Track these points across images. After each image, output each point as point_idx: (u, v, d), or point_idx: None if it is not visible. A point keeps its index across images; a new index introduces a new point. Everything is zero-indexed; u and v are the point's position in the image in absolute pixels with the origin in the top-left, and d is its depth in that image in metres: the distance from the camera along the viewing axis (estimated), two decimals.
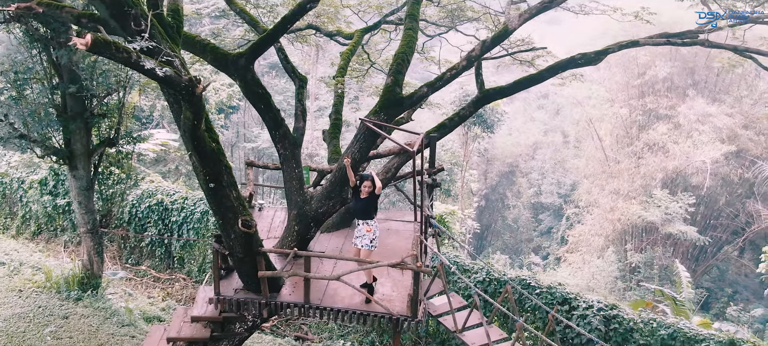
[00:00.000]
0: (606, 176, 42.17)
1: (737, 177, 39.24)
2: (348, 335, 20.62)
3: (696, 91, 40.53)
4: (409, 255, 10.95)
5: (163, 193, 23.83)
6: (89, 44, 7.84)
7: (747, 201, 40.14)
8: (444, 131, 14.49)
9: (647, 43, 14.75)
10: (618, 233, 40.08)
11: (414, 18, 14.11)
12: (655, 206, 37.12)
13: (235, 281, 12.00)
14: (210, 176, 10.37)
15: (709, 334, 16.27)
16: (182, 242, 23.54)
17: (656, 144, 39.44)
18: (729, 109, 39.13)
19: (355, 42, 18.10)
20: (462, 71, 13.59)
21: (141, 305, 19.84)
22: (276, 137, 12.57)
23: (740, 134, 38.31)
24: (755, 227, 38.46)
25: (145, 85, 19.35)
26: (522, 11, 13.74)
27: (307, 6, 12.28)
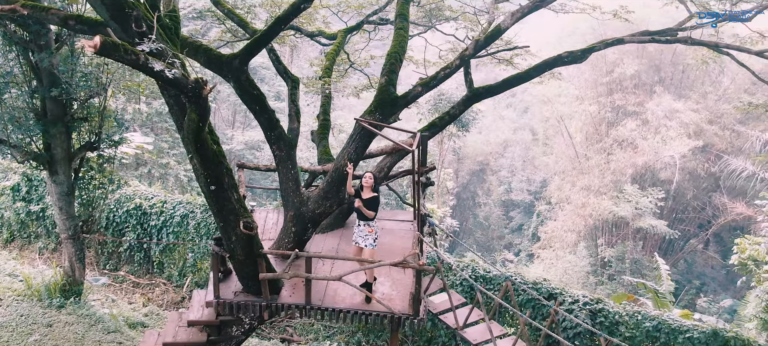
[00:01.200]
0: (577, 172, 42.81)
1: (704, 171, 40.18)
2: (334, 335, 20.60)
3: (663, 87, 41.37)
4: (410, 254, 11.01)
5: (141, 197, 23.51)
6: (98, 47, 7.74)
7: (713, 194, 41.13)
8: (434, 130, 14.58)
9: (632, 41, 15.02)
10: (590, 229, 40.71)
11: (404, 17, 14.19)
12: (626, 201, 37.79)
13: (234, 284, 11.93)
14: (211, 179, 10.31)
15: (692, 325, 16.65)
16: (162, 247, 23.25)
17: (625, 140, 40.16)
18: (695, 105, 40.04)
19: (338, 42, 18.12)
20: (455, 70, 13.69)
21: (123, 311, 19.54)
22: (271, 139, 12.52)
23: (706, 129, 39.22)
24: (722, 219, 39.42)
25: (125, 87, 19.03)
26: (514, 10, 13.88)
27: (302, 6, 12.27)
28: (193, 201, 23.33)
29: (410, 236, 13.61)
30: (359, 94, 26.67)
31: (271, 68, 48.77)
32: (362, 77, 26.44)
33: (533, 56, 22.68)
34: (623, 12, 18.88)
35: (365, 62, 25.01)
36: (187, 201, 23.39)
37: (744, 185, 38.51)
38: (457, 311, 11.69)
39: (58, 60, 16.46)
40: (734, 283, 42.03)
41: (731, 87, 41.81)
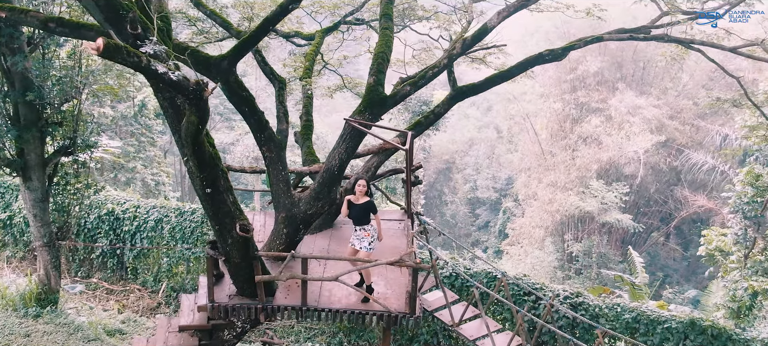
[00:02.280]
0: (543, 168, 43.39)
1: (666, 166, 41.09)
2: (315, 336, 20.54)
3: (625, 84, 42.20)
4: (406, 252, 11.07)
5: (113, 202, 23.09)
6: (101, 49, 7.62)
7: (675, 188, 42.14)
8: (420, 129, 14.67)
9: (611, 39, 15.36)
10: (557, 224, 41.31)
11: (389, 17, 14.25)
12: (592, 196, 38.46)
13: (227, 287, 11.83)
14: (207, 181, 10.21)
15: (669, 315, 17.06)
16: (136, 252, 22.88)
17: (590, 136, 40.85)
18: (656, 101, 40.95)
19: (317, 42, 18.10)
20: (443, 69, 13.80)
21: (99, 319, 19.19)
22: (261, 140, 12.44)
23: (667, 125, 40.13)
24: (684, 212, 40.40)
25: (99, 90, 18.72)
26: (501, 9, 14.05)
27: (290, 7, 12.21)
28: (167, 205, 23.01)
29: (400, 235, 13.67)
30: (333, 95, 26.62)
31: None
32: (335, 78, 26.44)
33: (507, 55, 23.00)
34: (596, 10, 19.27)
35: (339, 63, 25.00)
36: (161, 205, 23.06)
37: (705, 179, 39.59)
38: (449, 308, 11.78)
39: (32, 64, 16.10)
40: (696, 274, 43.20)
41: (690, 83, 42.91)
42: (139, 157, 34.72)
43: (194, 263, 22.43)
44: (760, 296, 22.94)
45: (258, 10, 21.57)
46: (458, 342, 19.21)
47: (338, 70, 24.46)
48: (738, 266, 24.19)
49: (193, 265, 22.44)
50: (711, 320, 16.67)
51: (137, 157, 34.66)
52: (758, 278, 23.23)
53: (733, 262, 24.54)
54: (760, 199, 23.66)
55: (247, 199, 46.22)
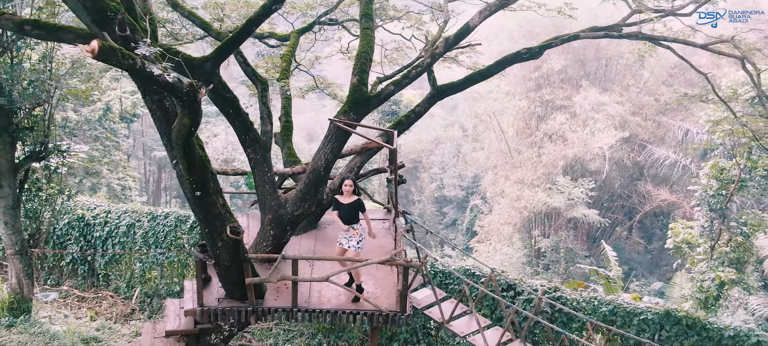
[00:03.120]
0: (509, 166, 43.87)
1: (630, 161, 41.92)
2: (294, 338, 20.45)
3: (588, 81, 42.92)
4: (396, 251, 11.13)
5: (83, 207, 22.64)
6: (96, 52, 7.51)
7: (638, 183, 43.02)
8: (401, 128, 14.76)
9: (587, 37, 15.65)
10: (525, 221, 41.80)
11: (369, 17, 14.28)
12: (559, 192, 39.02)
13: (216, 291, 11.73)
14: (197, 184, 10.12)
15: (645, 307, 17.42)
16: (107, 258, 22.49)
17: (555, 133, 41.44)
18: (619, 98, 41.73)
19: (293, 43, 18.02)
20: (427, 68, 13.90)
21: (73, 327, 18.82)
22: (246, 142, 12.37)
23: (630, 120, 40.94)
24: (647, 206, 41.27)
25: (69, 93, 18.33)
26: (482, 8, 14.19)
27: (273, 7, 12.17)
28: (139, 210, 22.66)
29: (386, 233, 13.72)
30: (305, 96, 26.56)
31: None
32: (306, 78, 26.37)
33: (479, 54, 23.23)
34: (567, 9, 19.61)
35: (310, 63, 24.95)
36: (133, 210, 22.70)
37: (667, 173, 40.51)
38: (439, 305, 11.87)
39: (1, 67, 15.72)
40: (659, 267, 44.18)
41: (651, 79, 43.84)
42: (104, 162, 34.13)
43: (168, 268, 22.15)
44: (726, 285, 23.59)
45: (229, 11, 21.44)
46: (437, 340, 19.33)
47: (309, 70, 24.45)
48: (705, 257, 24.82)
49: (166, 270, 22.16)
50: (685, 310, 17.07)
51: (102, 161, 34.07)
52: (724, 268, 23.88)
53: (700, 254, 25.18)
54: (724, 192, 24.32)
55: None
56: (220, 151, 36.72)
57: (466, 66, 22.32)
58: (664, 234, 45.43)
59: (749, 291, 24.31)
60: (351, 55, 24.88)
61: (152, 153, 45.59)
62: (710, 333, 16.65)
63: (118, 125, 35.53)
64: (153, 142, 45.81)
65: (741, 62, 14.77)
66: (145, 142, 45.58)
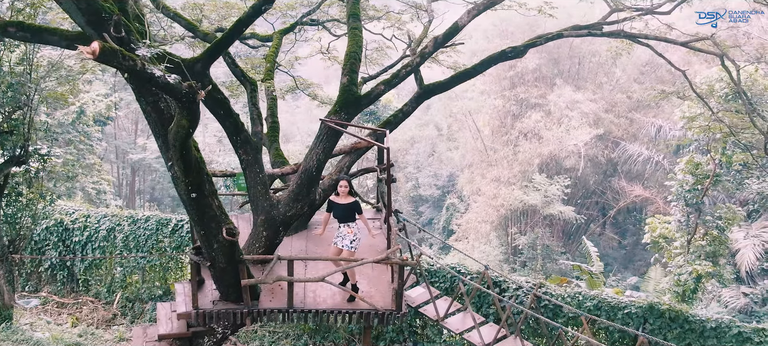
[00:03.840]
0: (485, 164, 44.15)
1: (604, 158, 42.48)
2: (279, 340, 20.39)
3: (562, 80, 43.40)
4: (392, 250, 11.17)
5: (61, 212, 22.30)
6: (97, 53, 7.44)
7: (612, 179, 43.63)
8: (390, 128, 14.73)
9: (570, 35, 15.84)
10: (501, 218, 42.12)
11: (357, 17, 14.29)
12: (535, 189, 39.41)
13: (210, 293, 11.66)
14: (192, 186, 10.06)
15: (629, 301, 17.70)
16: (87, 263, 22.19)
17: (531, 131, 41.83)
18: (592, 96, 42.27)
19: (276, 44, 17.92)
20: (417, 67, 13.96)
21: (57, 334, 18.55)
22: (237, 143, 12.30)
23: (604, 118, 41.48)
24: (622, 202, 41.87)
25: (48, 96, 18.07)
26: (470, 8, 14.29)
27: (263, 8, 12.15)
28: (119, 214, 22.41)
29: (378, 233, 13.74)
30: (284, 96, 26.47)
31: None
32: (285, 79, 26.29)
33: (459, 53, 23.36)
34: (547, 8, 19.85)
35: (290, 64, 24.88)
36: (113, 214, 22.44)
37: (641, 169, 41.15)
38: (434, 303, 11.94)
39: None
40: (633, 262, 44.84)
41: (623, 77, 44.48)
42: (78, 166, 33.57)
43: (149, 272, 21.94)
44: (703, 278, 24.06)
45: (207, 12, 21.31)
46: (423, 338, 19.41)
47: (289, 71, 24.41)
48: (681, 251, 25.27)
49: (148, 274, 21.95)
50: (668, 304, 17.38)
51: (77, 165, 33.51)
52: (701, 262, 24.34)
53: (677, 248, 25.63)
54: (699, 186, 24.79)
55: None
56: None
57: (446, 65, 22.47)
58: (637, 230, 46.21)
59: (725, 284, 24.83)
60: (330, 55, 24.94)
61: (127, 156, 45.02)
62: (693, 325, 16.98)
63: (91, 128, 34.99)
64: (126, 145, 45.30)
65: (720, 59, 15.08)
66: (118, 145, 45.01)
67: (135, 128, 47.52)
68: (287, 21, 21.77)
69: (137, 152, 43.14)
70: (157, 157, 39.05)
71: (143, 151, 38.96)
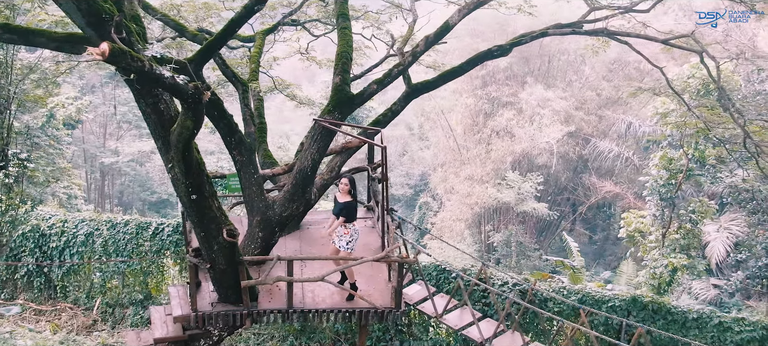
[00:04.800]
0: (458, 163, 44.40)
1: (575, 155, 43.06)
2: (264, 342, 20.31)
3: (533, 78, 43.85)
4: (391, 248, 11.23)
5: (38, 218, 21.88)
6: (106, 54, 7.38)
7: (583, 175, 44.27)
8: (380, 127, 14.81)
9: (555, 33, 16.04)
10: (476, 216, 42.43)
11: (346, 17, 14.32)
12: (508, 187, 39.78)
13: (207, 295, 11.58)
14: (193, 188, 10.01)
15: (612, 294, 18.03)
16: (65, 269, 21.81)
17: (503, 130, 42.19)
18: (563, 93, 42.82)
19: (259, 44, 17.83)
20: (408, 66, 14.03)
21: (38, 341, 18.19)
22: (231, 144, 12.23)
23: (574, 115, 42.03)
24: (593, 198, 42.51)
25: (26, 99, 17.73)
26: (461, 6, 14.40)
27: (255, 8, 12.10)
28: (97, 218, 22.07)
29: (372, 232, 13.79)
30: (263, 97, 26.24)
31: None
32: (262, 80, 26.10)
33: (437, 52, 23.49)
34: (527, 6, 20.09)
35: (269, 65, 24.76)
36: (91, 218, 22.10)
37: (611, 165, 41.84)
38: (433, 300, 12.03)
39: None
40: (604, 257, 45.58)
41: (592, 75, 45.14)
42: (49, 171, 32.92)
43: (130, 277, 21.65)
44: (679, 271, 24.58)
45: (185, 12, 21.09)
46: (410, 336, 19.50)
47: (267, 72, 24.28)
48: (656, 245, 25.79)
49: (128, 278, 21.66)
50: (651, 296, 17.74)
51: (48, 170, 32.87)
52: (676, 255, 24.87)
53: (652, 242, 26.15)
54: (673, 181, 25.33)
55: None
56: None
57: (426, 64, 22.60)
58: (607, 225, 46.98)
59: (699, 276, 25.40)
60: (309, 56, 24.91)
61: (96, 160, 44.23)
62: (675, 317, 17.36)
63: (61, 132, 34.33)
64: (95, 148, 44.53)
65: (700, 56, 15.43)
66: (87, 149, 44.22)
67: (103, 132, 46.75)
68: (266, 22, 21.70)
69: (107, 156, 42.44)
70: (129, 160, 38.48)
71: (115, 155, 38.31)
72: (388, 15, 23.57)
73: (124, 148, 39.92)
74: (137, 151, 39.11)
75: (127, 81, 9.44)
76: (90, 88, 44.49)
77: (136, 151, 39.11)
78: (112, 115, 43.91)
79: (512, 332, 11.77)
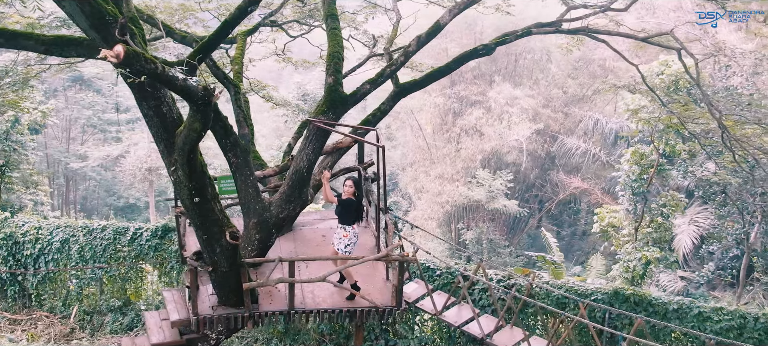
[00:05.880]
0: (428, 162, 44.72)
1: (543, 152, 43.72)
2: (249, 345, 20.17)
3: (501, 77, 44.41)
4: (392, 247, 11.31)
5: (10, 225, 21.37)
6: (121, 57, 7.32)
7: (550, 172, 44.96)
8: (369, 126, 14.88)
9: (539, 32, 16.31)
10: (447, 215, 42.75)
11: (335, 17, 14.35)
12: (479, 185, 40.19)
13: (207, 299, 11.50)
14: (196, 190, 9.95)
15: (594, 288, 18.36)
16: (40, 277, 21.35)
17: (472, 128, 42.63)
18: (530, 91, 43.46)
19: (241, 46, 17.75)
20: (400, 66, 14.11)
21: None
22: (226, 146, 12.13)
23: (542, 113, 42.71)
24: (561, 195, 43.21)
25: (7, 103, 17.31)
26: (452, 6, 14.54)
27: (249, 9, 12.06)
28: (73, 224, 21.64)
29: (365, 232, 13.84)
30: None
31: (105, 78, 46.05)
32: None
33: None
34: (504, 6, 20.42)
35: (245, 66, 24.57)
36: (67, 224, 21.66)
37: (578, 162, 42.57)
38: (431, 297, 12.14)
39: None
40: (572, 251, 46.29)
41: (558, 73, 45.91)
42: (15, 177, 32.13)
43: (108, 283, 21.30)
44: (652, 264, 25.16)
45: (160, 14, 20.85)
46: (395, 336, 19.57)
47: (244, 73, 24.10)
48: (629, 239, 26.35)
49: (106, 285, 21.30)
50: (632, 288, 18.12)
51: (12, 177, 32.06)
52: (649, 248, 25.45)
53: (625, 236, 26.71)
54: (645, 176, 25.92)
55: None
56: (143, 159, 35.33)
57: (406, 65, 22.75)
58: (573, 221, 47.79)
59: (672, 268, 26.03)
60: (285, 56, 24.86)
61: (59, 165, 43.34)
62: (656, 308, 17.74)
63: (25, 137, 33.49)
64: (59, 153, 43.60)
65: (678, 53, 15.85)
66: (51, 154, 43.28)
67: (67, 136, 45.79)
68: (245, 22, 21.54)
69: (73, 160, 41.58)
70: (97, 166, 37.77)
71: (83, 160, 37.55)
72: (364, 15, 23.68)
73: (94, 153, 39.11)
74: (106, 155, 38.38)
75: (130, 84, 9.31)
76: (52, 92, 43.55)
77: (105, 156, 38.38)
78: (76, 120, 43.09)
79: (511, 327, 11.95)
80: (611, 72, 44.88)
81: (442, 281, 18.50)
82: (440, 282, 18.45)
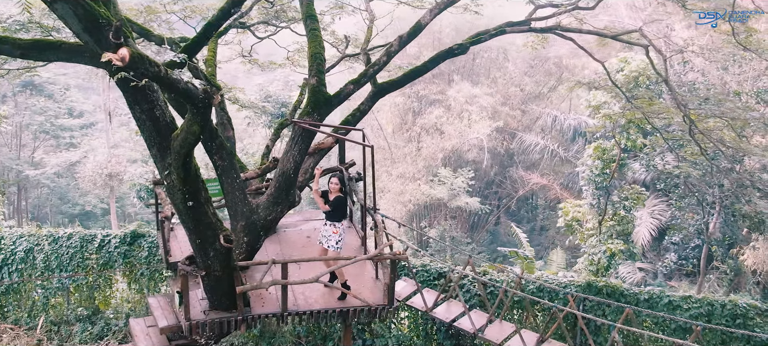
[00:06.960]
0: (390, 161, 44.83)
1: (503, 149, 44.30)
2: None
3: (459, 76, 44.82)
4: (383, 246, 11.37)
5: None
6: (127, 60, 7.23)
7: (510, 169, 45.59)
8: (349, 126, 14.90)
9: (513, 32, 16.54)
10: (410, 213, 42.93)
11: (314, 18, 14.32)
12: (441, 183, 40.50)
13: (198, 303, 11.37)
14: (189, 195, 9.84)
15: (568, 281, 18.75)
16: (3, 288, 20.72)
17: (432, 127, 42.92)
18: (488, 90, 43.98)
19: (213, 48, 17.59)
20: (383, 66, 14.14)
21: None
22: (212, 149, 12.03)
23: (501, 111, 43.28)
24: (520, 191, 43.85)
25: None
26: (432, 6, 14.65)
27: (232, 10, 11.99)
28: (37, 233, 21.07)
29: (349, 231, 13.86)
30: None
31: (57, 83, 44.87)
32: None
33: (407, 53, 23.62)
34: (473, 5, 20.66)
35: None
36: (30, 233, 21.08)
37: (537, 158, 43.30)
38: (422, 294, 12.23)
39: None
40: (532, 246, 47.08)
41: (514, 71, 46.60)
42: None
43: (75, 292, 20.82)
44: (616, 256, 25.78)
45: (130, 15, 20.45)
46: (372, 335, 19.63)
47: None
48: (594, 232, 26.94)
49: (73, 294, 20.81)
50: (604, 280, 18.56)
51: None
52: (613, 241, 26.08)
53: (589, 229, 27.30)
54: (607, 170, 26.53)
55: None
56: (103, 165, 34.43)
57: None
58: (532, 217, 48.57)
59: (635, 259, 26.70)
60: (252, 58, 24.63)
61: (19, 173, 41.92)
62: (628, 298, 18.23)
63: None
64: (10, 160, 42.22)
65: (645, 50, 16.28)
66: (1, 161, 41.91)
67: (17, 143, 44.39)
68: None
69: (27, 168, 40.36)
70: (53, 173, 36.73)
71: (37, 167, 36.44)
72: (331, 16, 23.63)
73: (51, 159, 38.03)
74: (64, 161, 37.37)
75: (123, 88, 9.15)
76: (2, 98, 42.22)
77: (62, 162, 37.36)
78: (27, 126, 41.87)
79: (500, 321, 12.13)
80: (566, 69, 45.77)
81: (420, 278, 18.68)
82: (419, 279, 18.64)
